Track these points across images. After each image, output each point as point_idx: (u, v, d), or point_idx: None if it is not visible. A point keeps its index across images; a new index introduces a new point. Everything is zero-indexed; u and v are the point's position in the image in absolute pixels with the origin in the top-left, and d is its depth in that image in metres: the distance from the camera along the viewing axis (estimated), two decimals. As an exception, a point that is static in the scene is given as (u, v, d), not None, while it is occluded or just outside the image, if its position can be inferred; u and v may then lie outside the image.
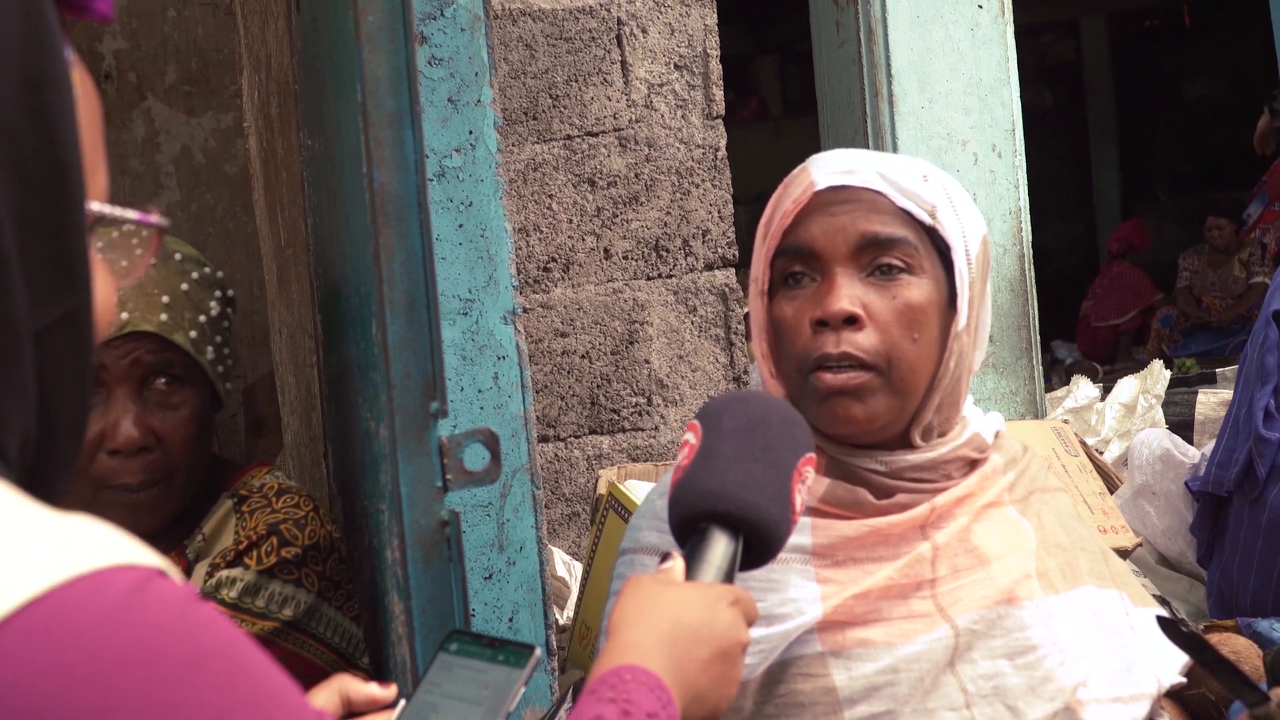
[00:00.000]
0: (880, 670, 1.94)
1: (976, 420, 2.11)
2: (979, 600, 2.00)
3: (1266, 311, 4.00)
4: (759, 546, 1.60)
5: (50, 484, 0.99)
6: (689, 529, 1.61)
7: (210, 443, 2.58)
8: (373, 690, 1.64)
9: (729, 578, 1.55)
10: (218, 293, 2.57)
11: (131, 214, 1.00)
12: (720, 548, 1.56)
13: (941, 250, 2.00)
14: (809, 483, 1.67)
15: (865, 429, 1.97)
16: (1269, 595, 3.86)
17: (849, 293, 1.94)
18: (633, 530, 2.18)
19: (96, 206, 0.97)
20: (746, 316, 5.94)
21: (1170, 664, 2.07)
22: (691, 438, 1.67)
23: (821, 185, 1.98)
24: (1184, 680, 2.10)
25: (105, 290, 1.00)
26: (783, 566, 1.97)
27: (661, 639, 1.41)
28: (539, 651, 1.44)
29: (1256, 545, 3.87)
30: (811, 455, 1.68)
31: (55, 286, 0.93)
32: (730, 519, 1.58)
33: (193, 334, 2.47)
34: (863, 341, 1.94)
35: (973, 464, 2.09)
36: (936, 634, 1.97)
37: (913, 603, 1.99)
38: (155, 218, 1.02)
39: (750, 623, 1.53)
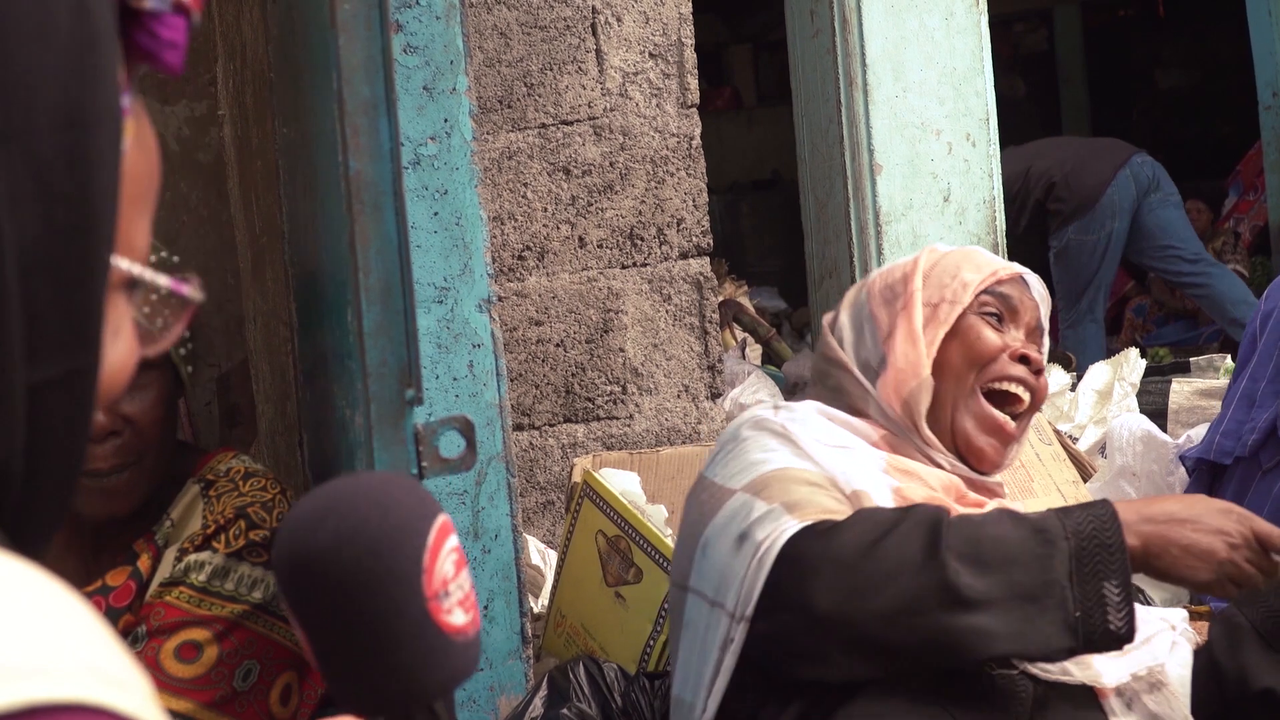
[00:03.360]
0: None
1: None
2: None
3: None
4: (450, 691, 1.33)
5: (31, 542, 0.90)
6: None
7: (176, 427, 2.58)
8: None
9: None
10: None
11: (164, 281, 0.93)
12: None
13: None
14: (446, 556, 1.27)
15: (989, 466, 2.46)
16: None
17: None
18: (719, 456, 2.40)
19: (127, 265, 0.90)
20: (721, 305, 5.95)
21: (1176, 610, 2.52)
22: (295, 627, 1.30)
23: (1021, 271, 2.55)
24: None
25: (126, 352, 0.94)
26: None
27: None
28: None
29: (1262, 513, 3.89)
30: (439, 533, 1.28)
31: (60, 343, 0.86)
32: (409, 707, 1.29)
33: None
34: (1035, 386, 2.47)
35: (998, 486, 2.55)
36: None
37: None
38: (189, 290, 0.94)
39: None
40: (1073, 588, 2.00)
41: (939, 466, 2.41)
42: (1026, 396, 2.46)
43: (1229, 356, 5.78)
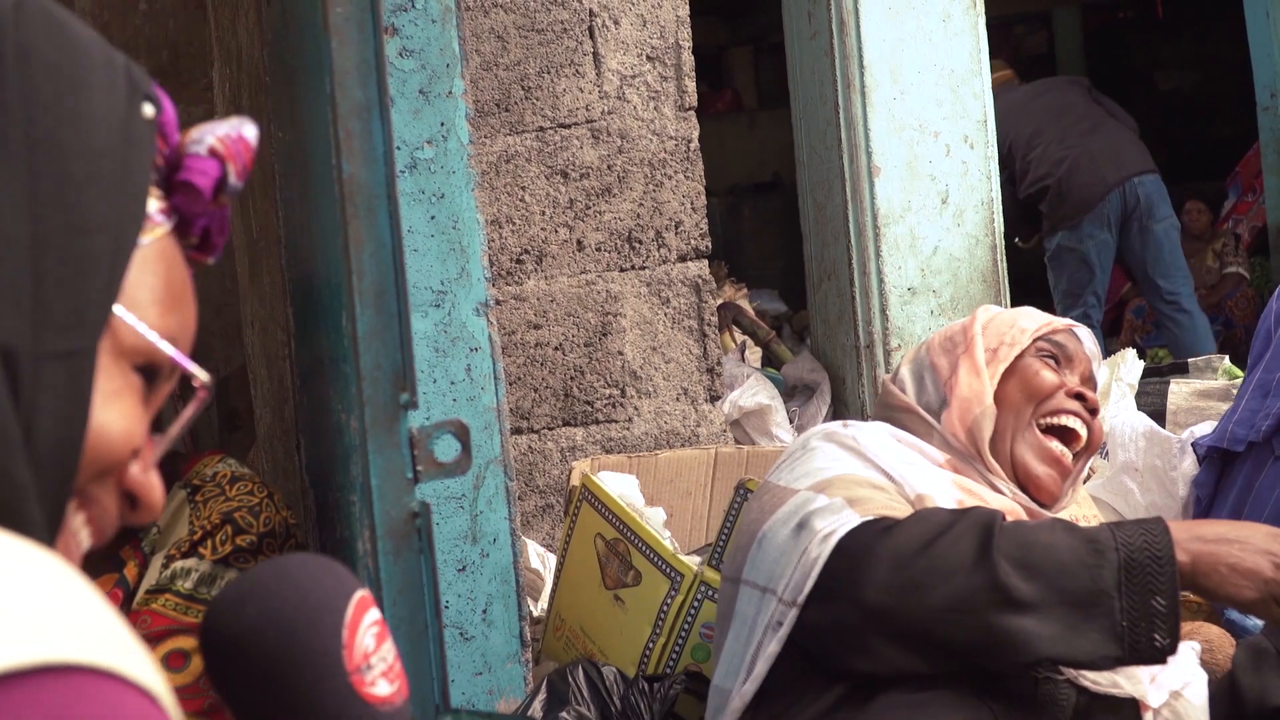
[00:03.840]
0: None
1: None
2: None
3: None
4: None
5: (25, 523, 0.94)
6: None
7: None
8: None
9: None
10: None
11: (177, 355, 1.03)
12: None
13: None
14: (367, 630, 1.31)
15: (1045, 497, 2.54)
16: None
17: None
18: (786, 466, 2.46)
19: (154, 337, 1.00)
20: (720, 308, 5.94)
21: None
22: (222, 708, 1.34)
23: (1071, 325, 2.70)
24: None
25: (120, 420, 1.00)
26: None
27: None
28: None
29: (1273, 495, 3.89)
30: (358, 607, 1.30)
31: (63, 321, 0.94)
32: None
33: None
34: (1087, 422, 2.58)
35: None
36: None
37: None
38: (201, 379, 1.05)
39: None
40: (1121, 599, 2.06)
41: (1000, 493, 2.50)
42: (1083, 431, 2.58)
43: (1227, 358, 5.78)
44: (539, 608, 3.76)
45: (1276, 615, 2.16)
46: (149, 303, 1.02)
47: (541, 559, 4.02)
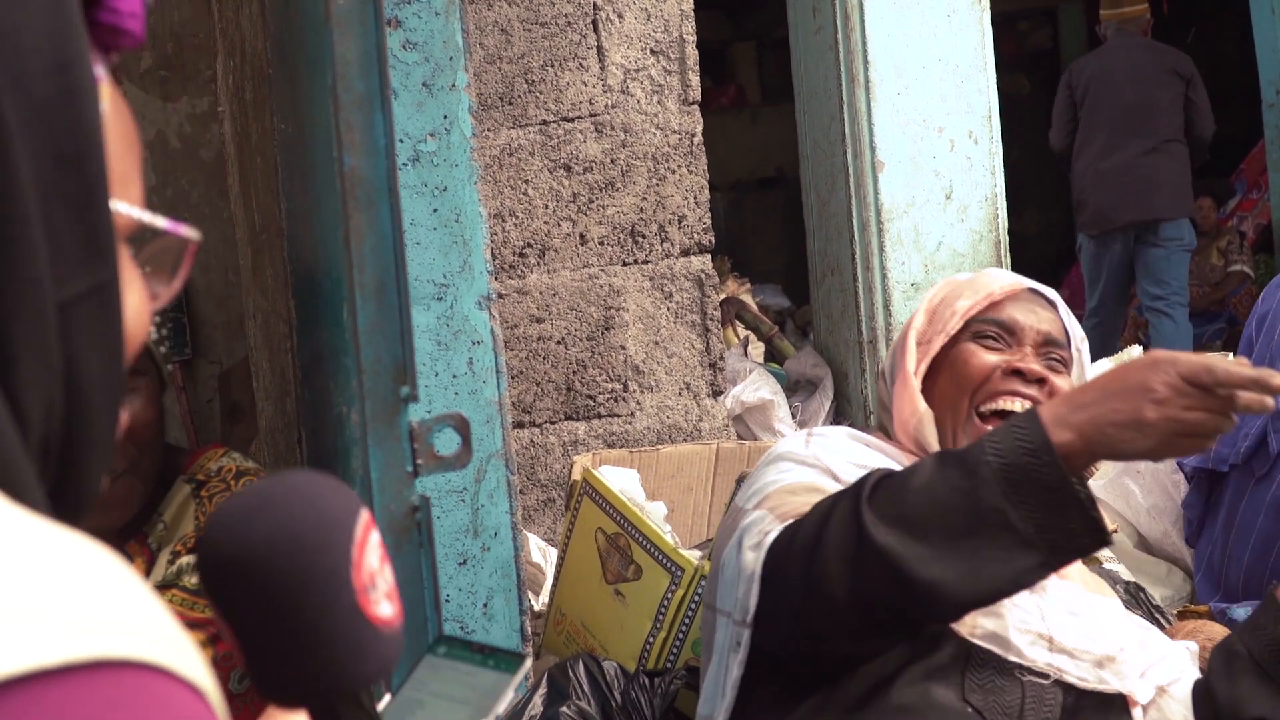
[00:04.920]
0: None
1: None
2: None
3: None
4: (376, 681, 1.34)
5: (85, 467, 0.98)
6: None
7: (164, 427, 2.57)
8: None
9: None
10: None
11: (161, 221, 1.01)
12: (353, 715, 1.30)
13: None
14: (372, 550, 1.30)
15: None
16: (1265, 571, 3.87)
17: (1040, 364, 2.44)
18: (755, 478, 2.38)
19: (125, 208, 0.98)
20: (723, 303, 5.94)
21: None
22: (221, 626, 1.29)
23: (1027, 285, 2.52)
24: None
25: (138, 302, 1.01)
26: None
27: None
28: (529, 660, 1.40)
29: (1257, 522, 3.88)
30: (363, 529, 1.29)
31: (81, 259, 0.94)
32: (335, 698, 1.30)
33: None
34: (1040, 397, 2.37)
35: None
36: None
37: None
38: (186, 230, 1.02)
39: None
40: (1014, 507, 1.94)
41: None
42: (1023, 408, 2.36)
43: (1231, 355, 5.77)
44: (540, 602, 3.76)
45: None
46: (127, 177, 1.01)
47: (543, 553, 4.02)
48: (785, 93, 6.24)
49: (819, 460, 2.34)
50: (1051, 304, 2.52)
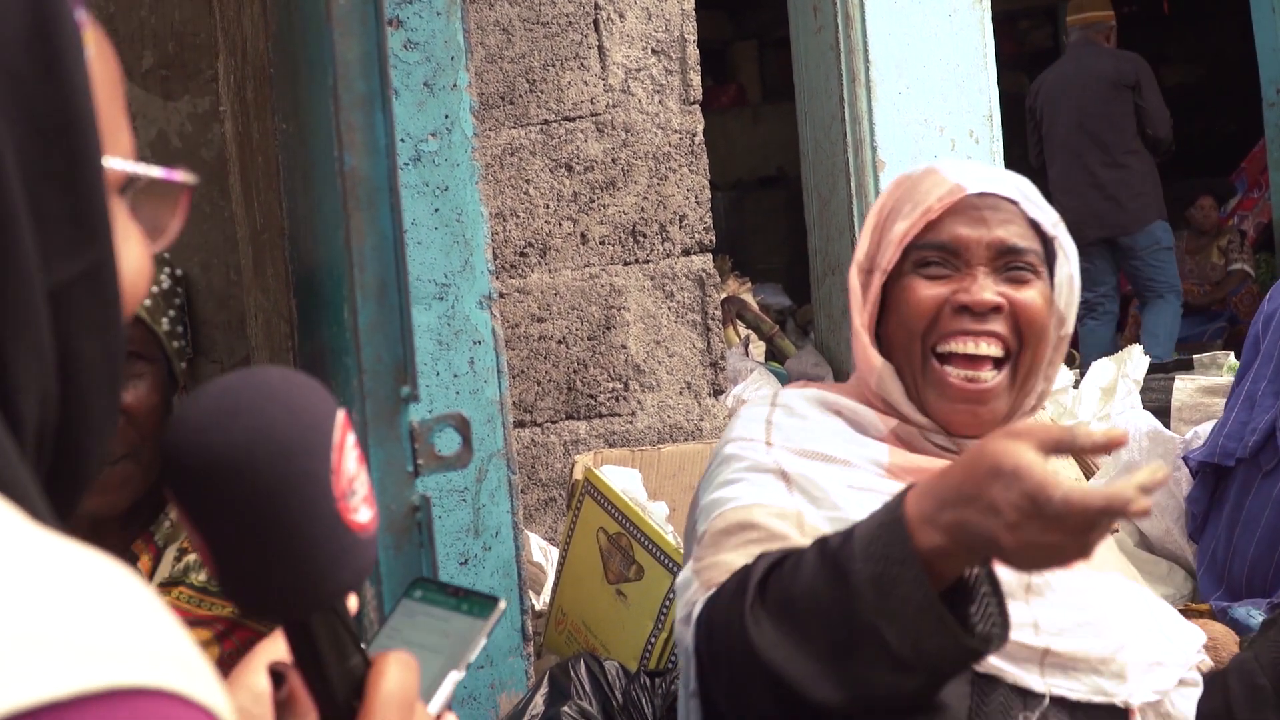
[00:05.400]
0: None
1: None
2: None
3: None
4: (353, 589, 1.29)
5: (84, 450, 0.95)
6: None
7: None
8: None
9: (352, 639, 1.26)
10: (165, 269, 2.55)
11: (156, 170, 0.97)
12: (326, 628, 1.25)
13: (1047, 262, 2.21)
14: (350, 453, 1.21)
15: (985, 431, 2.08)
16: (1269, 566, 3.87)
17: (991, 286, 2.15)
18: (720, 445, 2.24)
19: (119, 163, 0.95)
20: (724, 302, 5.94)
21: (1192, 641, 2.22)
22: (192, 532, 1.19)
23: (971, 190, 2.16)
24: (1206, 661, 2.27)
25: (140, 253, 0.98)
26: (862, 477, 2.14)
27: None
28: (503, 603, 1.35)
29: (1263, 516, 3.88)
30: (341, 432, 1.21)
31: (72, 241, 0.90)
32: (310, 610, 1.25)
33: (146, 302, 2.45)
34: (1001, 327, 2.14)
35: None
36: (1004, 573, 1.96)
37: None
38: (181, 175, 0.99)
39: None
40: (887, 623, 1.73)
41: (939, 451, 2.17)
42: (987, 348, 2.13)
43: (1232, 354, 5.78)
44: (541, 601, 3.76)
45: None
46: (115, 125, 0.97)
47: (544, 553, 4.02)
48: (786, 92, 6.24)
49: (776, 462, 2.12)
50: (1010, 200, 2.19)
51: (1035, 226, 2.19)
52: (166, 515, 2.57)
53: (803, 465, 2.12)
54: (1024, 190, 2.21)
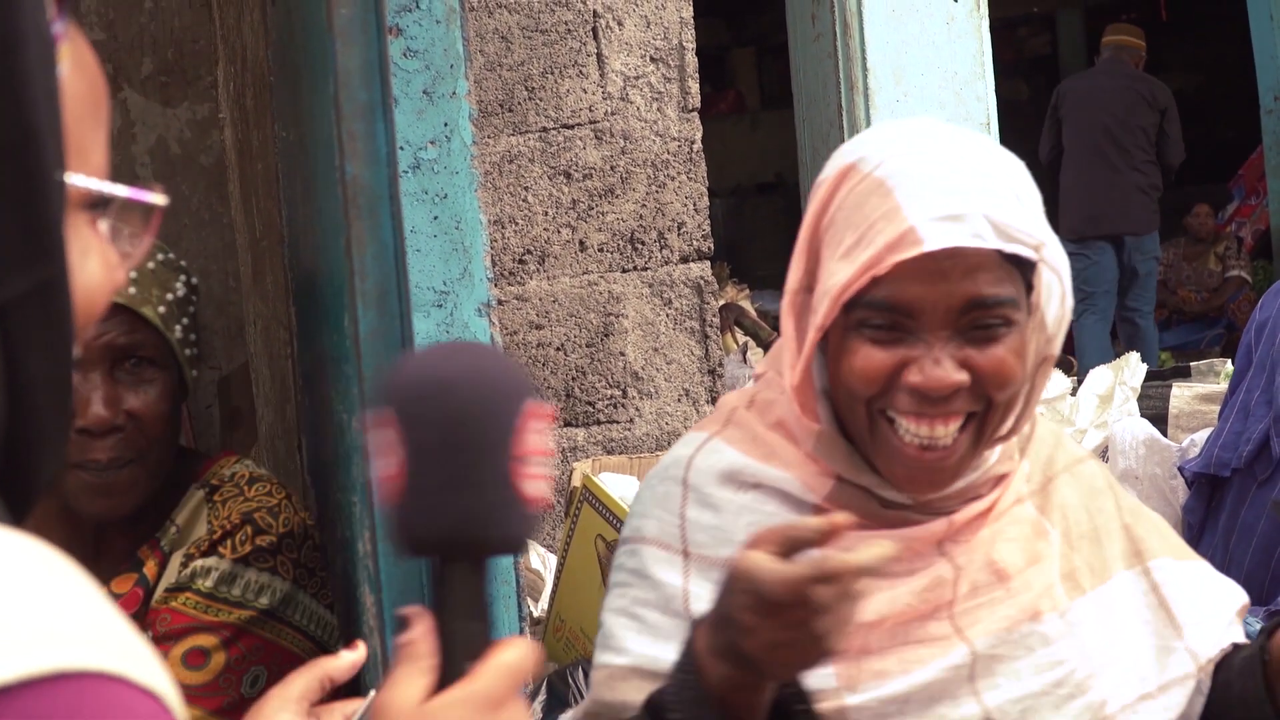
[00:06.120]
0: (892, 698, 1.84)
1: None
2: (1000, 621, 1.90)
3: None
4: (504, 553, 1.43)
5: (34, 471, 0.95)
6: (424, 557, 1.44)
7: (179, 427, 2.57)
8: (350, 659, 1.63)
9: (482, 607, 1.36)
10: (182, 276, 2.55)
11: (122, 190, 0.97)
12: (464, 583, 1.35)
13: (1029, 283, 1.87)
14: (536, 431, 1.34)
15: (944, 489, 1.89)
16: (1266, 575, 3.88)
17: (953, 355, 1.80)
18: (634, 518, 2.03)
19: (85, 181, 0.94)
20: (722, 309, 5.94)
21: (1213, 632, 2.03)
22: (392, 443, 1.34)
23: (930, 245, 1.74)
24: (1230, 647, 2.06)
25: (99, 271, 0.97)
26: None
27: None
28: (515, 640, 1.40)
29: (1259, 525, 3.89)
30: (533, 409, 1.34)
31: (22, 257, 0.89)
32: (464, 555, 1.37)
33: (161, 309, 2.46)
34: (962, 400, 1.82)
35: (1001, 477, 1.97)
36: (952, 658, 1.87)
37: (930, 626, 1.89)
38: (152, 195, 0.99)
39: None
40: None
41: (895, 505, 1.92)
42: (943, 429, 1.82)
43: (1229, 361, 5.80)
44: (539, 609, 3.77)
45: (811, 663, 1.62)
46: (87, 143, 0.95)
47: (542, 560, 4.02)
48: (784, 98, 6.25)
49: (687, 593, 1.91)
50: (978, 236, 1.77)
51: (1013, 257, 1.81)
52: (173, 521, 2.57)
53: (709, 544, 1.93)
54: (1001, 219, 1.78)
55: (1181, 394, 5.27)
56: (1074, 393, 5.48)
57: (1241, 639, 2.09)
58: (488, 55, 4.33)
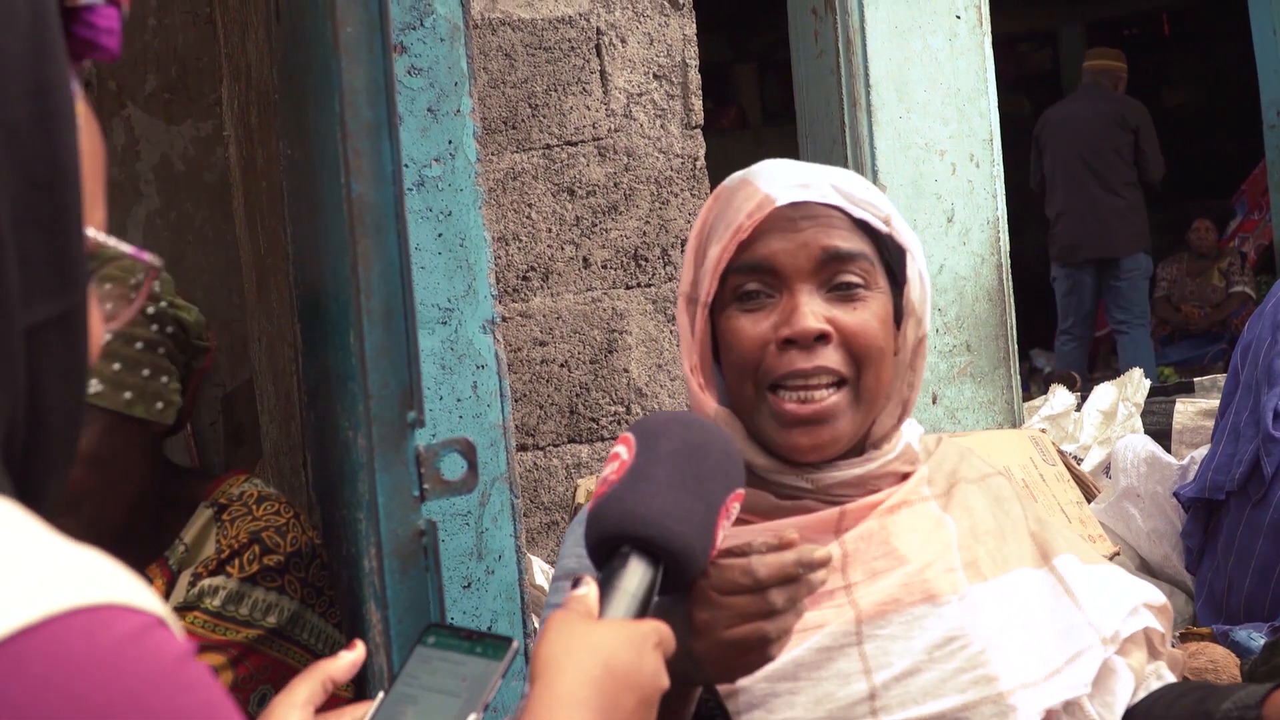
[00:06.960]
0: (780, 674, 1.86)
1: (909, 432, 2.06)
2: (893, 591, 1.92)
3: (1275, 317, 4.02)
4: (674, 578, 1.50)
5: (40, 489, 0.99)
6: (607, 548, 1.51)
7: (134, 475, 2.48)
8: (350, 658, 1.64)
9: (644, 608, 1.44)
10: (151, 309, 2.52)
11: (126, 247, 1.02)
12: (638, 576, 1.45)
13: (887, 262, 1.98)
14: (732, 519, 1.58)
15: (831, 454, 1.96)
16: (1266, 596, 3.88)
17: (815, 310, 1.92)
18: (560, 560, 2.13)
19: (92, 233, 0.99)
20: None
21: (1115, 614, 1.99)
22: (623, 452, 1.56)
23: (781, 201, 1.93)
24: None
25: (96, 319, 1.02)
26: None
27: (592, 687, 1.34)
28: (517, 643, 1.41)
29: (1256, 546, 3.89)
30: (741, 491, 1.58)
31: (51, 285, 0.94)
32: (652, 546, 1.47)
33: (100, 387, 2.41)
34: (833, 357, 1.92)
35: (903, 477, 2.04)
36: (838, 625, 1.89)
37: (825, 611, 1.91)
38: (149, 257, 1.04)
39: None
40: None
41: (791, 491, 1.98)
42: (814, 383, 1.92)
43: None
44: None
45: (755, 664, 1.66)
46: (94, 198, 1.01)
47: (546, 576, 4.02)
48: (787, 114, 6.26)
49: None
50: (830, 206, 1.95)
51: (864, 227, 1.95)
52: (181, 540, 2.57)
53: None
54: (846, 188, 1.96)
55: (1185, 409, 5.28)
56: (1079, 409, 5.48)
57: (1154, 626, 2.04)
58: (492, 73, 4.34)
